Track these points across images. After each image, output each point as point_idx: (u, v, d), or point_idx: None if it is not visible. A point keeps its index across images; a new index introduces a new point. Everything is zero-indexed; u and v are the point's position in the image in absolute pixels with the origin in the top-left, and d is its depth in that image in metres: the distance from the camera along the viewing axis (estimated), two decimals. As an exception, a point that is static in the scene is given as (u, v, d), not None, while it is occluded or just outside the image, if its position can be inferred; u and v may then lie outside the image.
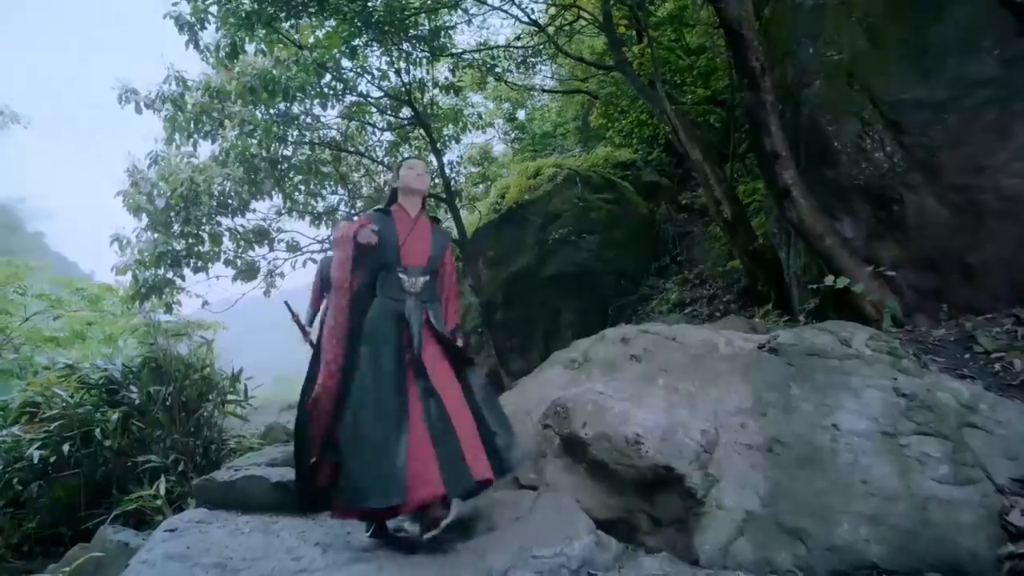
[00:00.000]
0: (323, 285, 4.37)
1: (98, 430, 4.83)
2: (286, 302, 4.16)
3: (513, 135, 15.25)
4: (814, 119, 4.40)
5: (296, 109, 8.18)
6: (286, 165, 8.62)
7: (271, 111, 7.59)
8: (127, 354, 5.50)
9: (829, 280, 4.01)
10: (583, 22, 9.03)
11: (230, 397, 5.84)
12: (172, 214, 6.10)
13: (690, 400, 2.96)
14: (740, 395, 2.92)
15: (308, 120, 8.75)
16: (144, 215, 6.11)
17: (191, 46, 6.75)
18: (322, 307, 4.32)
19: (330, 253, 4.66)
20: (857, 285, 3.94)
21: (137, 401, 5.06)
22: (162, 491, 4.62)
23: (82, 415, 4.87)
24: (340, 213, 10.13)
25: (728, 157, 7.81)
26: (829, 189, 4.34)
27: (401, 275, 2.88)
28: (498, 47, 9.10)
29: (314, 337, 4.26)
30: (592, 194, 9.75)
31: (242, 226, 8.17)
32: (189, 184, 5.97)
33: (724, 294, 6.20)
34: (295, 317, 4.15)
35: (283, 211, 9.30)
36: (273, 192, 8.63)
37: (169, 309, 7.20)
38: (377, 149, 10.42)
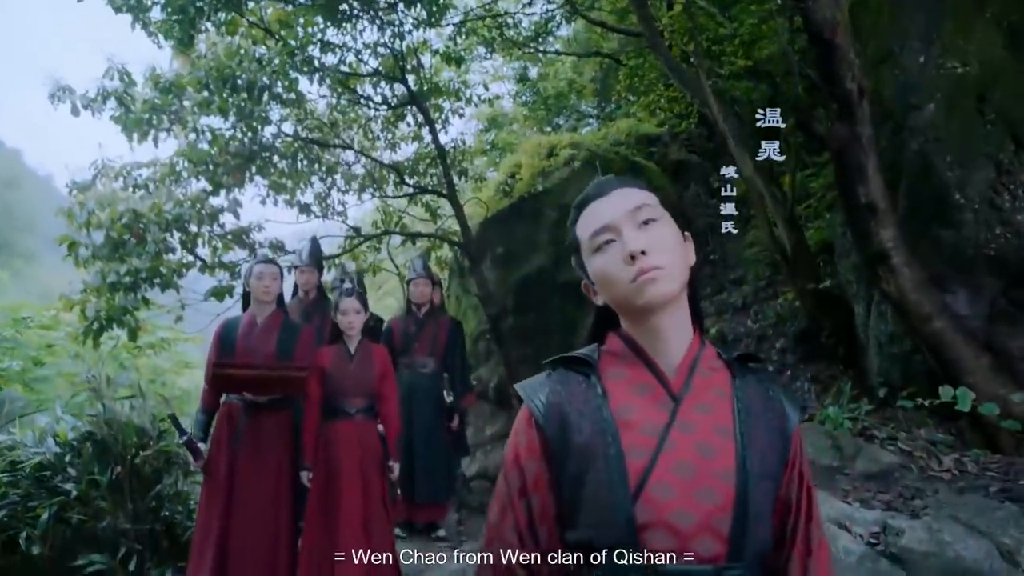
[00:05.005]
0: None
1: (24, 534, 4.01)
2: (172, 415, 3.20)
3: (524, 97, 13.89)
4: (926, 157, 3.28)
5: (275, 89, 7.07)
6: (267, 154, 7.57)
7: (240, 102, 6.46)
8: (62, 428, 4.61)
9: (945, 393, 2.99)
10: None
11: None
12: (120, 246, 5.12)
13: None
14: (857, 651, 1.98)
15: (291, 96, 7.62)
16: (82, 249, 5.17)
17: (138, 26, 5.66)
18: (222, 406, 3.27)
19: (230, 316, 3.52)
20: (987, 407, 2.92)
21: (74, 493, 4.21)
22: (104, 610, 3.83)
23: (2, 517, 4.04)
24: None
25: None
26: (943, 255, 3.27)
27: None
28: (507, 15, 7.79)
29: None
30: (613, 181, 8.59)
31: (219, 227, 7.18)
32: (133, 216, 4.98)
33: (776, 336, 5.19)
34: (186, 440, 3.19)
35: (266, 199, 8.30)
36: (252, 182, 7.62)
37: (133, 336, 6.30)
38: (372, 124, 9.28)
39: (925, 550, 2.15)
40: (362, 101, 8.23)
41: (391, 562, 3.26)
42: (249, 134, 6.90)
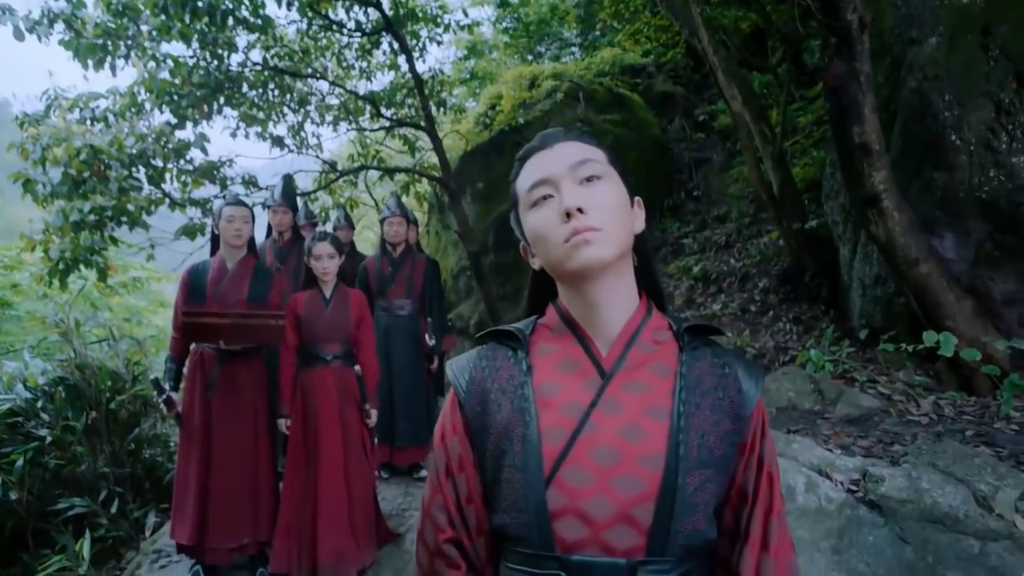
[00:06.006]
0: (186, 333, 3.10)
1: (-1, 481, 3.96)
2: (155, 379, 3.07)
3: (505, 23, 13.27)
4: (924, 96, 3.15)
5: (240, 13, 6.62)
6: (235, 84, 7.16)
7: (203, 27, 6.06)
8: (32, 372, 4.48)
9: (929, 339, 2.99)
10: None
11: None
12: (81, 183, 4.84)
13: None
14: (833, 595, 2.02)
15: (258, 21, 7.16)
16: (39, 186, 4.88)
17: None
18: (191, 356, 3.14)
19: (198, 259, 3.35)
20: (968, 352, 2.92)
21: (49, 438, 4.15)
22: (86, 552, 3.83)
23: (-25, 465, 3.98)
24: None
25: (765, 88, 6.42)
26: (933, 198, 3.20)
27: None
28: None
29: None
30: (597, 114, 8.34)
31: (187, 162, 6.86)
32: (91, 152, 4.68)
33: (759, 275, 5.14)
34: (165, 398, 3.05)
35: (236, 132, 7.93)
36: (221, 113, 7.25)
37: (103, 276, 6.09)
38: (346, 52, 8.82)
39: (904, 497, 2.17)
40: (334, 27, 7.78)
41: (372, 506, 3.28)
42: (214, 62, 6.50)
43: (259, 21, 6.94)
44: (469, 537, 0.89)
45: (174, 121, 5.86)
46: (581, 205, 0.83)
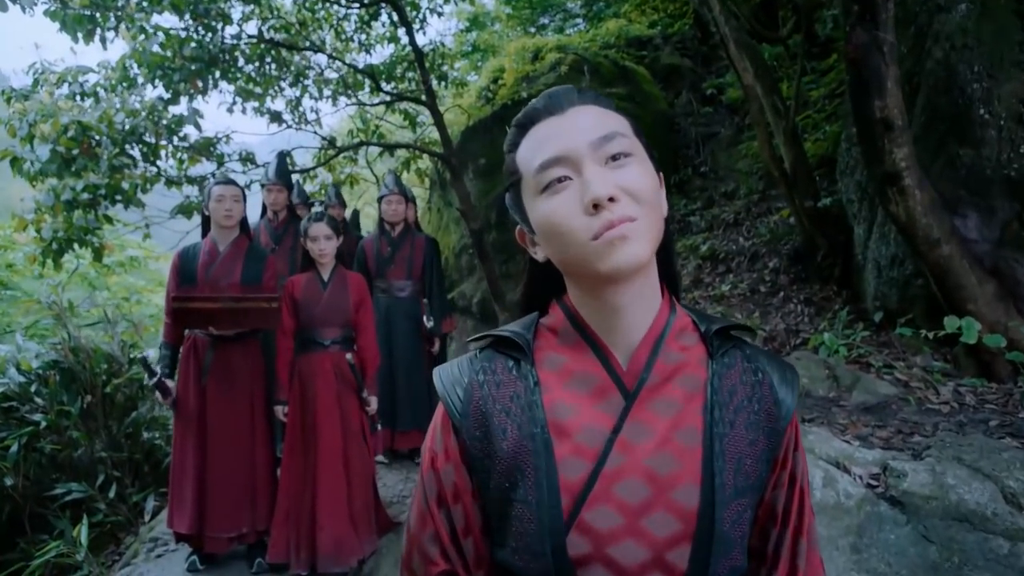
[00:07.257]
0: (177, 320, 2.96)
1: (-5, 466, 3.90)
2: (143, 357, 2.93)
3: (507, -7, 12.93)
4: (951, 68, 2.98)
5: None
6: (229, 57, 6.96)
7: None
8: (25, 356, 4.39)
9: (950, 324, 2.86)
10: None
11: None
12: (71, 161, 4.70)
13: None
14: (853, 597, 1.93)
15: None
16: (27, 164, 4.74)
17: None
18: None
19: (190, 244, 3.19)
20: (993, 338, 2.80)
21: (43, 423, 4.07)
22: (84, 538, 3.78)
23: (-30, 452, 3.92)
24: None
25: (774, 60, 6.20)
26: (957, 175, 3.05)
27: None
28: None
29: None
30: (602, 87, 8.10)
31: (181, 139, 6.70)
32: (79, 128, 4.52)
33: (770, 254, 5.00)
34: (157, 381, 2.93)
35: (233, 107, 7.74)
36: (216, 88, 7.07)
37: (99, 256, 5.97)
38: (344, 24, 8.59)
39: (927, 493, 2.07)
40: (332, -2, 7.55)
41: (372, 494, 3.20)
42: (207, 35, 6.30)
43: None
44: (466, 570, 0.78)
45: (167, 96, 5.69)
46: (613, 194, 0.68)
